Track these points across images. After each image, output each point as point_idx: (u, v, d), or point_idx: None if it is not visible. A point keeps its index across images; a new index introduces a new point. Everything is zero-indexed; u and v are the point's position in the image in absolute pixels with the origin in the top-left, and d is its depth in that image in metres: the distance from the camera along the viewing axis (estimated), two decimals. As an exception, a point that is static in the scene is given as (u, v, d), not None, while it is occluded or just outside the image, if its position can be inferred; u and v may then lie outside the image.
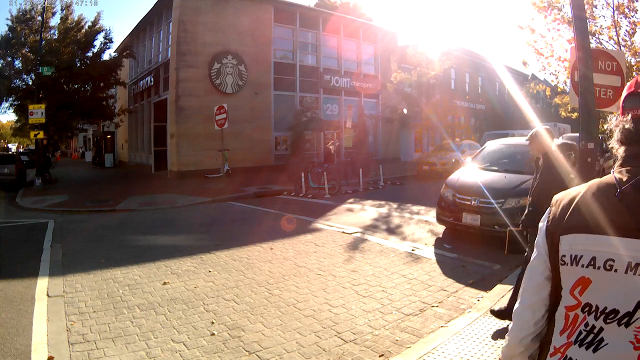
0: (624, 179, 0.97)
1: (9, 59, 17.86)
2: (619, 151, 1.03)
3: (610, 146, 1.07)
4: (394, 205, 10.35)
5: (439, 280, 4.97)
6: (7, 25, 17.72)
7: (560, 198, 1.06)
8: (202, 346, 3.47)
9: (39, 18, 17.29)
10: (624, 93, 1.06)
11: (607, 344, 0.90)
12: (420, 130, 24.30)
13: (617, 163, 1.02)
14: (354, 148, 19.96)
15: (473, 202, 6.34)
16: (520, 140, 9.83)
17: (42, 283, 5.05)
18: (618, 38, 8.72)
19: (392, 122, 24.19)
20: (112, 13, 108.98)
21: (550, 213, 1.06)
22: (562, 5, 8.79)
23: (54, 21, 18.76)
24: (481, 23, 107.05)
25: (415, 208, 9.83)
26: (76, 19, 19.12)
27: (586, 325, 0.94)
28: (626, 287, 0.89)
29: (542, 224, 1.07)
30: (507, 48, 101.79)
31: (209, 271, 5.45)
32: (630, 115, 1.01)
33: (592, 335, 0.93)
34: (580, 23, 4.45)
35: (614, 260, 0.91)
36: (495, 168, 7.17)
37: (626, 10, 8.62)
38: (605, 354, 0.90)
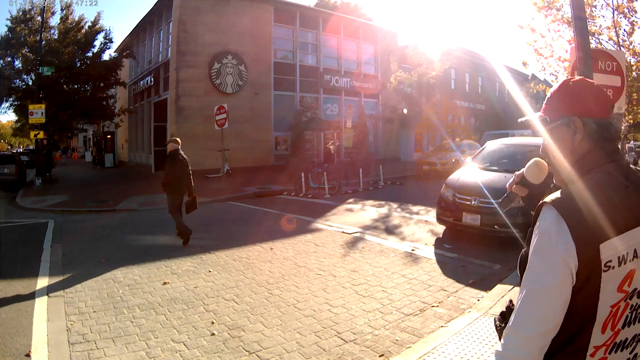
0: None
1: (9, 59, 17.87)
2: None
3: None
4: (394, 205, 10.34)
5: (439, 280, 4.97)
6: (7, 25, 17.76)
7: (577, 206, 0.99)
8: (202, 346, 3.47)
9: (39, 18, 17.30)
10: None
11: None
12: (420, 130, 24.30)
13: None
14: (354, 148, 19.96)
15: (473, 202, 6.34)
16: (520, 140, 9.83)
17: (42, 283, 5.06)
18: (618, 38, 8.72)
19: (392, 122, 24.20)
20: (112, 13, 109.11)
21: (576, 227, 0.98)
22: (561, 5, 8.79)
23: (54, 21, 18.82)
24: (481, 23, 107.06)
25: (415, 208, 9.83)
26: (76, 19, 19.16)
27: (631, 307, 1.02)
28: None
29: (559, 247, 0.97)
30: (507, 48, 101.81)
31: (209, 271, 5.45)
32: None
33: (636, 312, 1.02)
34: (580, 23, 4.45)
35: None
36: (495, 168, 7.17)
37: (625, 11, 8.62)
38: None
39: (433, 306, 4.21)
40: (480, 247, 6.13)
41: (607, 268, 0.97)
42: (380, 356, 3.28)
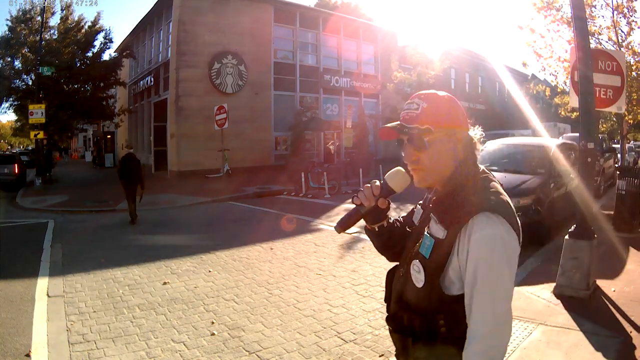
0: None
1: (9, 59, 17.86)
2: None
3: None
4: (394, 205, 10.34)
5: (439, 280, 4.96)
6: (7, 25, 17.74)
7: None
8: (202, 346, 3.47)
9: (39, 18, 17.29)
10: None
11: None
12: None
13: None
14: (354, 148, 19.96)
15: (473, 202, 6.33)
16: (520, 140, 9.83)
17: (42, 283, 5.06)
18: (617, 38, 8.72)
19: (392, 122, 24.11)
20: (112, 13, 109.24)
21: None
22: (561, 5, 8.79)
23: (54, 21, 18.80)
24: (481, 23, 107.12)
25: (415, 208, 9.79)
26: (76, 19, 19.12)
27: None
28: None
29: (514, 245, 1.12)
30: (507, 48, 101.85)
31: (209, 271, 5.45)
32: None
33: None
34: (580, 23, 4.44)
35: None
36: (495, 168, 7.17)
37: (625, 10, 8.62)
38: None
39: (433, 306, 4.21)
40: (480, 247, 6.12)
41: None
42: (380, 356, 3.28)
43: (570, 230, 4.32)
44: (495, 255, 1.07)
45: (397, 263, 1.40)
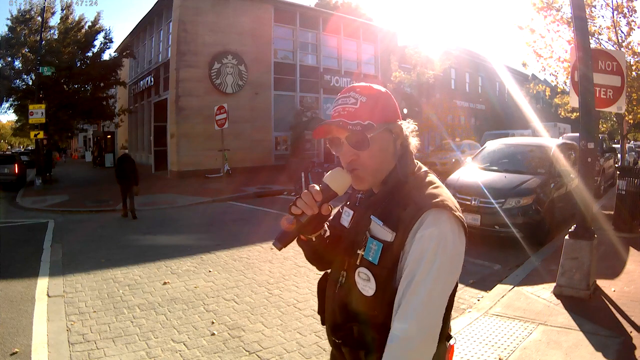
0: None
1: (9, 59, 17.87)
2: None
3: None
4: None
5: (439, 280, 4.96)
6: (7, 25, 17.76)
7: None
8: (202, 346, 3.47)
9: (39, 18, 17.30)
10: None
11: None
12: (420, 130, 24.26)
13: None
14: (354, 148, 19.91)
15: (473, 202, 6.34)
16: (520, 140, 9.84)
17: (42, 283, 5.06)
18: (617, 38, 8.72)
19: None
20: (112, 13, 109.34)
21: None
22: (561, 5, 8.79)
23: (54, 21, 18.88)
24: (481, 23, 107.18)
25: (415, 208, 9.78)
26: (76, 19, 19.13)
27: None
28: None
29: (461, 244, 1.06)
30: (507, 48, 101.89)
31: (209, 271, 5.46)
32: None
33: None
34: (580, 23, 4.44)
35: None
36: (495, 168, 7.18)
37: (625, 10, 8.62)
38: None
39: (433, 306, 4.20)
40: (480, 247, 6.13)
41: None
42: (380, 356, 3.28)
43: (570, 230, 4.32)
44: (438, 256, 1.00)
45: (328, 271, 1.30)
